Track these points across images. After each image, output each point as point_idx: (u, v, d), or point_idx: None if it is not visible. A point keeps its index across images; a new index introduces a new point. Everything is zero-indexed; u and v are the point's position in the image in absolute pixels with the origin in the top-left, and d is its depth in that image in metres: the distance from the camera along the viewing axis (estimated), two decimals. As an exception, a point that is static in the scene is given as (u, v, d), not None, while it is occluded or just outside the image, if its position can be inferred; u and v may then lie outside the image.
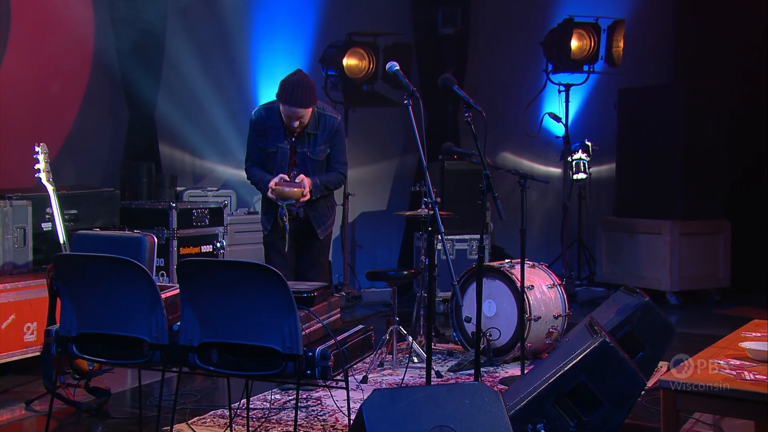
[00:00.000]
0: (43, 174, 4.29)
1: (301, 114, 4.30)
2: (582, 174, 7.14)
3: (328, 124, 4.44)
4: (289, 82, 4.28)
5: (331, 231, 4.66)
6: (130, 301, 3.15)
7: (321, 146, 4.44)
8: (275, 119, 4.41)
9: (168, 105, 6.79)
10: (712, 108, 7.38)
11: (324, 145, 4.45)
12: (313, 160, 4.43)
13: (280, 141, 4.41)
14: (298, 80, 4.27)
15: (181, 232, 5.74)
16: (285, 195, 4.27)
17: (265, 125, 4.44)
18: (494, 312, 5.18)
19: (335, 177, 4.51)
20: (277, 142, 4.42)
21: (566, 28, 7.48)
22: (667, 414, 2.79)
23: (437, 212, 3.19)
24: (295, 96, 4.24)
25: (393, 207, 8.08)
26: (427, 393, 2.48)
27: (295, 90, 4.24)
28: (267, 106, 4.49)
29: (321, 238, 4.54)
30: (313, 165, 4.43)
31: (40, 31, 5.89)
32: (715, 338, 3.45)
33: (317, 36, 7.59)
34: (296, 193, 4.27)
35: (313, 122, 4.40)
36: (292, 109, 4.27)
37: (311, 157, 4.42)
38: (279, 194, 4.28)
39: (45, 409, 3.76)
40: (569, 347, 3.37)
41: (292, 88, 4.25)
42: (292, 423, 3.70)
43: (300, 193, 4.27)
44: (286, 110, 4.30)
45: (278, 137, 4.41)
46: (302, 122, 4.34)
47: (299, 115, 4.30)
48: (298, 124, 4.34)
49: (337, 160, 4.52)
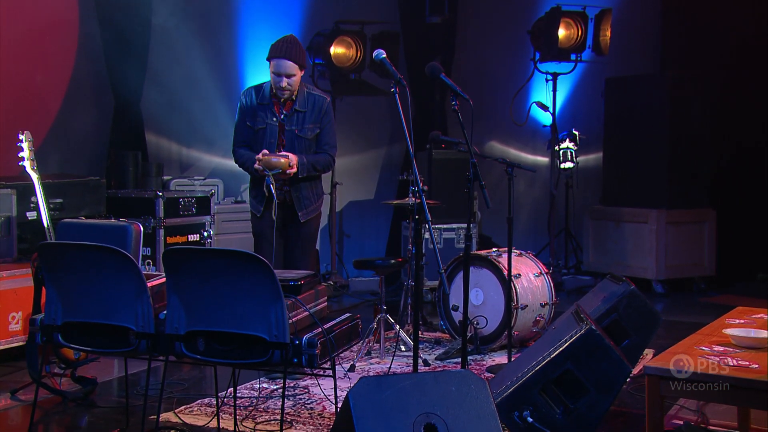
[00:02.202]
0: (28, 162, 4.25)
1: (290, 69, 4.30)
2: (569, 163, 7.17)
3: (317, 102, 4.46)
4: (280, 40, 4.38)
5: (317, 218, 4.64)
6: (116, 289, 3.13)
7: (309, 125, 4.44)
8: (264, 96, 4.45)
9: (154, 94, 6.74)
10: (698, 97, 7.42)
11: (312, 124, 4.45)
12: (301, 138, 4.42)
13: (269, 118, 4.43)
14: (289, 38, 4.38)
15: (167, 221, 5.71)
16: (272, 164, 4.26)
17: (253, 103, 4.45)
18: (481, 300, 5.20)
19: (323, 158, 4.50)
20: (265, 119, 4.43)
21: (553, 16, 7.49)
22: (652, 400, 2.82)
23: (424, 201, 3.19)
24: (285, 49, 4.30)
25: (380, 196, 8.08)
26: (413, 381, 2.48)
27: (286, 44, 4.33)
28: (256, 87, 4.53)
29: (302, 221, 4.50)
30: (300, 143, 4.42)
31: (23, 19, 5.83)
32: (699, 326, 3.47)
33: (304, 24, 7.56)
34: (283, 163, 4.26)
35: (302, 99, 4.42)
36: (281, 62, 4.28)
37: (299, 135, 4.42)
38: (266, 164, 4.26)
39: (30, 399, 3.74)
40: (556, 335, 3.39)
41: (282, 42, 4.35)
42: (279, 411, 3.71)
43: (287, 163, 4.27)
44: (275, 66, 4.31)
45: (267, 114, 4.42)
46: (290, 84, 4.33)
47: (288, 71, 4.30)
48: (286, 84, 4.33)
49: (326, 142, 4.51)
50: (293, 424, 3.73)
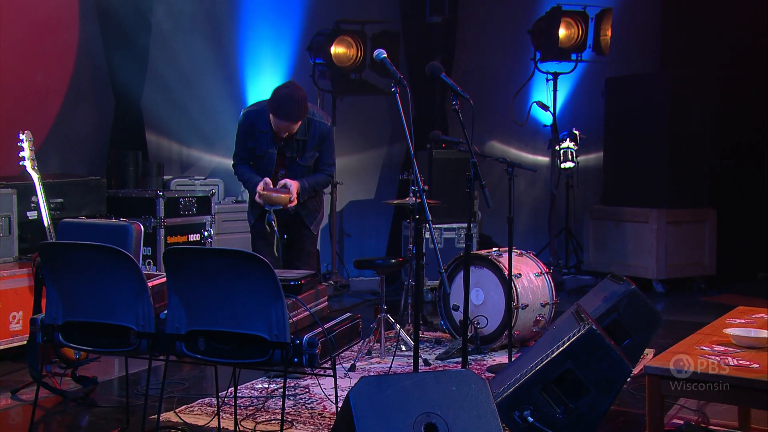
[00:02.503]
0: (28, 162, 4.25)
1: (290, 128, 4.30)
2: (569, 163, 7.16)
3: (318, 130, 4.41)
4: (280, 96, 4.23)
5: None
6: (116, 289, 3.13)
7: (310, 152, 4.43)
8: (264, 124, 4.37)
9: (154, 93, 6.74)
10: (698, 97, 7.42)
11: (313, 150, 4.44)
12: (302, 166, 4.43)
13: (269, 146, 4.39)
14: (290, 94, 4.22)
15: (168, 221, 5.71)
16: (273, 201, 4.27)
17: (253, 128, 4.40)
18: (482, 300, 5.20)
19: (323, 179, 4.51)
20: (264, 147, 4.39)
21: (554, 16, 7.48)
22: (653, 400, 2.82)
23: (425, 201, 3.18)
24: (285, 111, 4.22)
25: (381, 196, 8.08)
26: (414, 380, 2.48)
27: (287, 104, 4.21)
28: (257, 109, 4.43)
29: (314, 233, 4.58)
30: (301, 170, 4.43)
31: (24, 19, 5.83)
32: (700, 325, 3.48)
33: (305, 24, 7.56)
34: (284, 199, 4.27)
35: (303, 129, 4.37)
36: (282, 123, 4.26)
37: (300, 163, 4.42)
38: (267, 200, 4.27)
39: (31, 398, 3.74)
40: (556, 335, 3.39)
41: (283, 101, 4.21)
42: (279, 411, 3.71)
43: (287, 198, 4.28)
44: (276, 122, 4.28)
45: (266, 142, 4.38)
46: (291, 132, 4.33)
47: (289, 129, 4.30)
48: (287, 135, 4.34)
49: (325, 163, 4.51)
50: (294, 423, 3.73)
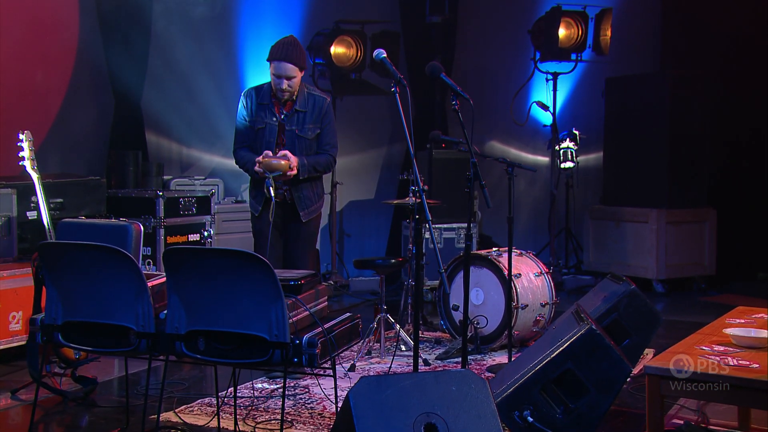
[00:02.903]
0: (28, 162, 4.25)
1: (290, 72, 4.31)
2: (569, 163, 7.16)
3: (318, 103, 4.45)
4: (280, 42, 4.36)
5: (318, 218, 4.64)
6: (116, 289, 3.13)
7: (310, 125, 4.44)
8: (264, 96, 4.45)
9: (154, 93, 6.74)
10: (698, 97, 7.42)
11: (313, 124, 4.45)
12: (302, 138, 4.42)
13: (269, 117, 4.42)
14: (289, 40, 4.37)
15: (168, 221, 5.71)
16: (272, 167, 4.25)
17: (254, 103, 4.46)
18: (482, 300, 5.19)
19: (324, 159, 4.50)
20: (265, 119, 4.43)
21: (554, 16, 7.49)
22: (652, 400, 2.82)
23: (425, 201, 3.18)
24: (285, 51, 4.29)
25: (381, 196, 8.08)
26: (414, 380, 2.48)
27: (286, 47, 4.32)
28: (256, 87, 4.53)
29: (304, 221, 4.50)
30: (301, 143, 4.42)
31: (23, 18, 5.83)
32: (700, 325, 3.48)
33: (305, 24, 7.56)
34: (283, 165, 4.26)
35: (303, 99, 4.42)
36: (281, 65, 4.28)
37: (300, 135, 4.42)
38: (266, 166, 4.26)
39: (31, 398, 3.74)
40: (556, 335, 3.39)
41: (283, 45, 4.34)
42: (279, 411, 3.71)
43: (287, 165, 4.26)
44: (275, 68, 4.31)
45: (267, 114, 4.42)
46: (291, 85, 4.34)
47: (288, 73, 4.31)
48: (286, 86, 4.33)
49: (327, 142, 4.51)
50: (293, 423, 3.73)
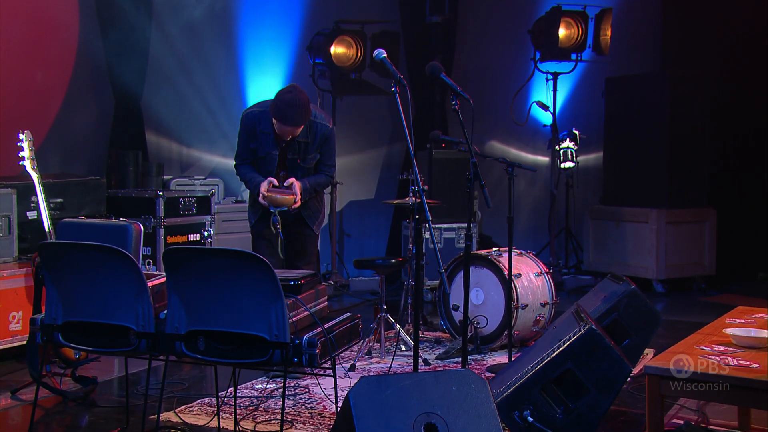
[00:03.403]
0: (28, 162, 4.25)
1: (293, 132, 4.30)
2: (569, 162, 7.16)
3: (320, 132, 4.41)
4: (283, 102, 4.22)
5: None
6: (116, 289, 3.13)
7: (312, 154, 4.43)
8: (266, 125, 4.36)
9: (154, 93, 6.74)
10: (698, 96, 7.42)
11: (315, 152, 4.44)
12: (303, 168, 4.43)
13: (270, 147, 4.39)
14: (292, 100, 4.21)
15: (168, 221, 5.71)
16: (277, 202, 4.27)
17: (255, 130, 4.40)
18: (482, 300, 5.19)
19: (324, 180, 4.52)
20: (267, 148, 4.39)
21: (554, 16, 7.49)
22: (652, 400, 2.82)
23: (425, 200, 3.18)
24: (288, 117, 4.22)
25: (381, 195, 8.08)
26: (414, 380, 2.48)
27: (289, 110, 4.21)
28: (259, 110, 4.41)
29: (316, 233, 4.59)
30: (302, 171, 4.44)
31: (23, 19, 5.83)
32: (700, 325, 3.48)
33: (305, 24, 7.56)
34: (288, 200, 4.28)
35: (305, 131, 4.37)
36: (285, 128, 4.27)
37: (302, 165, 4.42)
38: (271, 201, 4.28)
39: (31, 398, 3.74)
40: (556, 335, 3.39)
41: (286, 108, 4.21)
42: (279, 411, 3.71)
43: (292, 200, 4.28)
44: (279, 127, 4.28)
45: (269, 144, 4.38)
46: (294, 135, 4.34)
47: (292, 132, 4.31)
48: (289, 138, 4.34)
49: (326, 164, 4.52)
50: (294, 423, 3.73)
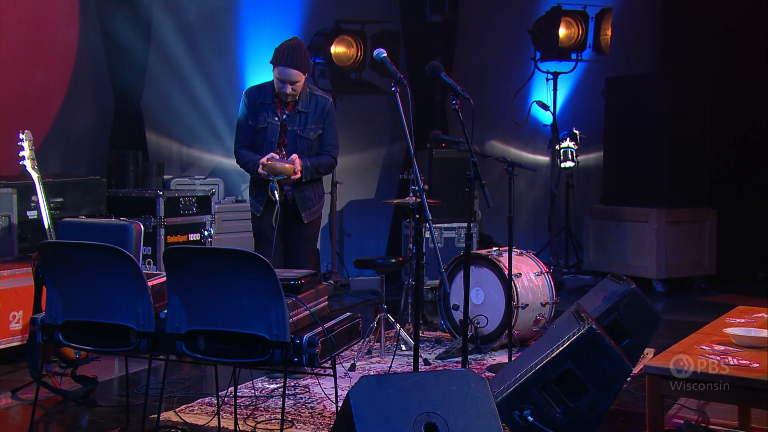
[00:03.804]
0: (28, 162, 4.25)
1: (294, 77, 4.29)
2: (570, 162, 7.16)
3: (320, 103, 4.44)
4: (284, 45, 4.32)
5: (318, 218, 4.63)
6: (116, 289, 3.13)
7: (312, 125, 4.43)
8: (266, 95, 4.42)
9: (154, 93, 6.74)
10: (698, 96, 7.42)
11: (315, 124, 4.43)
12: (303, 139, 4.41)
13: (271, 117, 4.40)
14: (294, 44, 4.33)
15: (168, 221, 5.71)
16: (277, 170, 4.24)
17: (256, 102, 4.43)
18: (482, 300, 5.19)
19: (326, 160, 4.49)
20: (267, 119, 4.41)
21: (554, 16, 7.48)
22: (653, 399, 2.82)
23: (425, 200, 3.18)
24: (290, 56, 4.27)
25: (381, 195, 8.08)
26: (414, 380, 2.48)
27: (291, 52, 4.28)
28: (259, 85, 4.50)
29: (305, 222, 4.49)
30: (302, 144, 4.41)
31: (23, 18, 5.83)
32: (700, 325, 3.47)
33: (305, 23, 7.56)
34: (288, 168, 4.24)
35: (305, 100, 4.41)
36: (286, 71, 4.27)
37: (301, 135, 4.40)
38: (270, 169, 4.24)
39: (31, 398, 3.74)
40: (556, 334, 3.39)
41: (287, 50, 4.30)
42: (279, 410, 3.71)
43: (292, 169, 4.25)
44: (279, 73, 4.30)
45: (269, 113, 4.40)
46: (294, 89, 4.33)
47: (292, 78, 4.29)
48: (290, 90, 4.32)
49: (329, 143, 4.50)
50: (294, 423, 3.73)
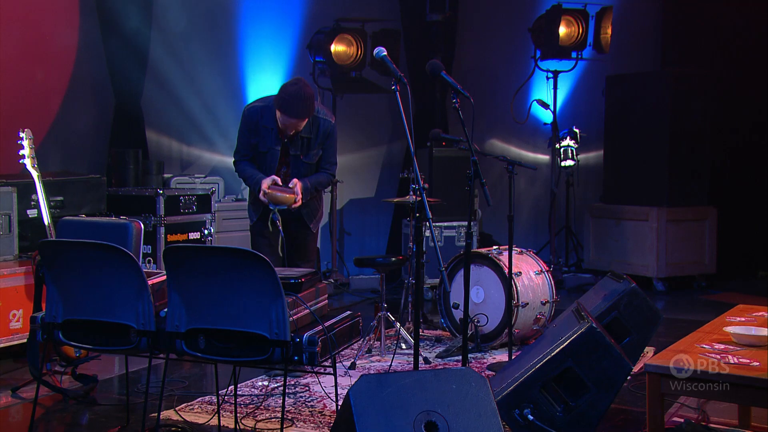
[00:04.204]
0: (28, 160, 4.25)
1: (298, 125, 4.28)
2: (570, 161, 7.16)
3: (323, 127, 4.40)
4: (288, 93, 4.20)
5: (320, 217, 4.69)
6: (116, 287, 3.13)
7: (314, 150, 4.41)
8: (269, 120, 4.33)
9: (155, 91, 6.74)
10: (698, 95, 7.42)
11: (317, 148, 4.42)
12: (305, 164, 4.42)
13: (273, 143, 4.36)
14: (298, 92, 4.18)
15: (168, 219, 5.71)
16: (278, 200, 4.25)
17: (258, 124, 4.37)
18: (482, 298, 5.19)
19: (325, 178, 4.50)
20: (269, 144, 4.37)
21: (554, 14, 7.48)
22: (653, 398, 2.82)
23: (425, 199, 3.18)
24: (293, 108, 4.19)
25: (381, 194, 8.08)
26: (414, 378, 2.48)
27: (295, 102, 4.18)
28: (262, 105, 4.40)
29: (315, 231, 4.57)
30: (304, 168, 4.42)
31: (24, 17, 5.83)
32: (700, 323, 3.47)
33: (305, 22, 7.55)
34: (289, 199, 4.25)
35: (308, 126, 4.35)
36: (289, 120, 4.24)
37: (304, 161, 4.40)
38: (272, 199, 4.25)
39: (31, 396, 3.74)
40: (556, 333, 3.39)
41: (291, 99, 4.18)
42: (280, 409, 3.71)
43: (293, 199, 4.26)
44: (283, 119, 4.25)
45: (271, 139, 4.36)
46: (297, 129, 4.32)
47: (296, 126, 4.28)
48: (293, 132, 4.32)
49: (328, 161, 4.49)
50: (294, 421, 3.73)
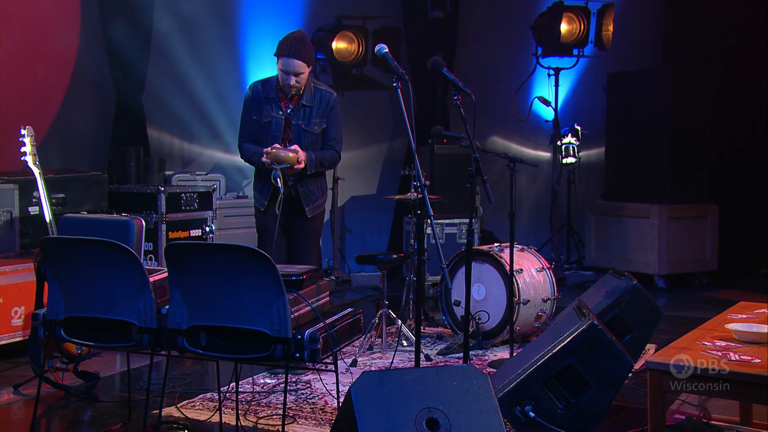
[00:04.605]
0: (30, 157, 4.25)
1: (298, 68, 4.30)
2: (571, 158, 7.16)
3: (324, 97, 4.45)
4: (288, 37, 4.34)
5: (322, 214, 4.63)
6: (118, 284, 3.13)
7: (316, 119, 4.43)
8: (270, 90, 4.43)
9: (156, 88, 6.75)
10: (700, 92, 7.41)
11: (319, 119, 4.44)
12: (308, 133, 4.41)
13: (275, 111, 4.41)
14: (298, 36, 4.35)
15: (169, 216, 5.72)
16: (280, 158, 4.23)
17: (260, 96, 4.43)
18: (483, 295, 5.19)
19: (330, 154, 4.50)
20: (271, 113, 4.41)
21: (556, 11, 7.47)
22: (654, 395, 2.81)
23: (426, 196, 3.18)
24: (294, 48, 4.28)
25: (383, 191, 8.08)
26: (415, 375, 2.48)
27: (295, 43, 4.31)
28: (263, 80, 4.51)
29: (309, 216, 4.50)
30: (307, 138, 4.41)
31: (25, 14, 5.83)
32: (701, 321, 3.47)
33: (306, 19, 7.55)
34: (291, 157, 4.24)
35: (309, 94, 4.41)
36: (290, 62, 4.28)
37: (306, 129, 4.41)
38: (274, 157, 4.24)
39: (33, 393, 3.74)
40: (558, 330, 3.39)
41: (291, 41, 4.32)
42: (281, 406, 3.71)
43: (295, 158, 4.25)
44: (283, 64, 4.31)
45: (273, 108, 4.41)
46: (298, 81, 4.33)
47: (296, 70, 4.30)
48: (294, 82, 4.33)
49: (333, 137, 4.50)
50: (295, 418, 3.74)
